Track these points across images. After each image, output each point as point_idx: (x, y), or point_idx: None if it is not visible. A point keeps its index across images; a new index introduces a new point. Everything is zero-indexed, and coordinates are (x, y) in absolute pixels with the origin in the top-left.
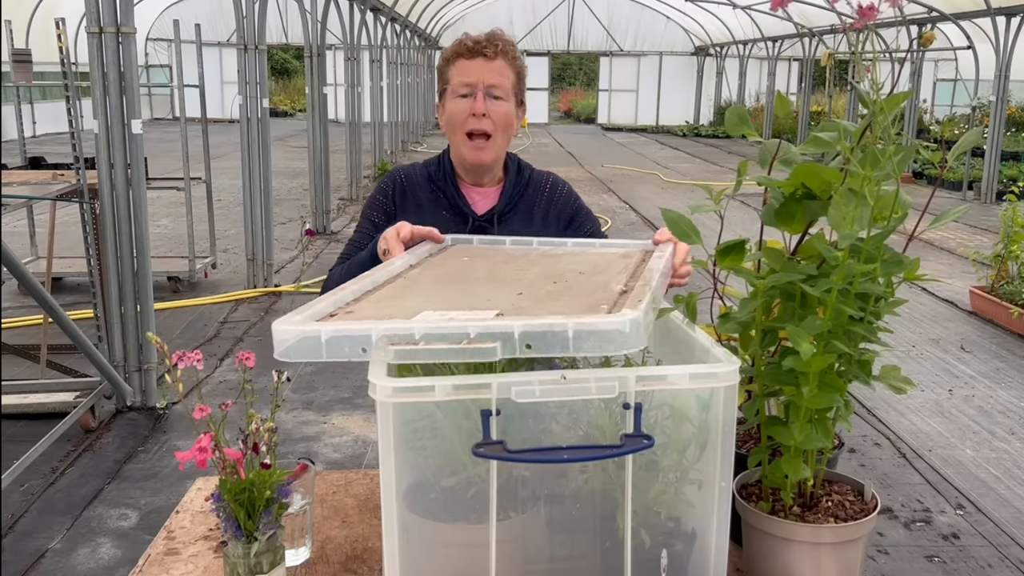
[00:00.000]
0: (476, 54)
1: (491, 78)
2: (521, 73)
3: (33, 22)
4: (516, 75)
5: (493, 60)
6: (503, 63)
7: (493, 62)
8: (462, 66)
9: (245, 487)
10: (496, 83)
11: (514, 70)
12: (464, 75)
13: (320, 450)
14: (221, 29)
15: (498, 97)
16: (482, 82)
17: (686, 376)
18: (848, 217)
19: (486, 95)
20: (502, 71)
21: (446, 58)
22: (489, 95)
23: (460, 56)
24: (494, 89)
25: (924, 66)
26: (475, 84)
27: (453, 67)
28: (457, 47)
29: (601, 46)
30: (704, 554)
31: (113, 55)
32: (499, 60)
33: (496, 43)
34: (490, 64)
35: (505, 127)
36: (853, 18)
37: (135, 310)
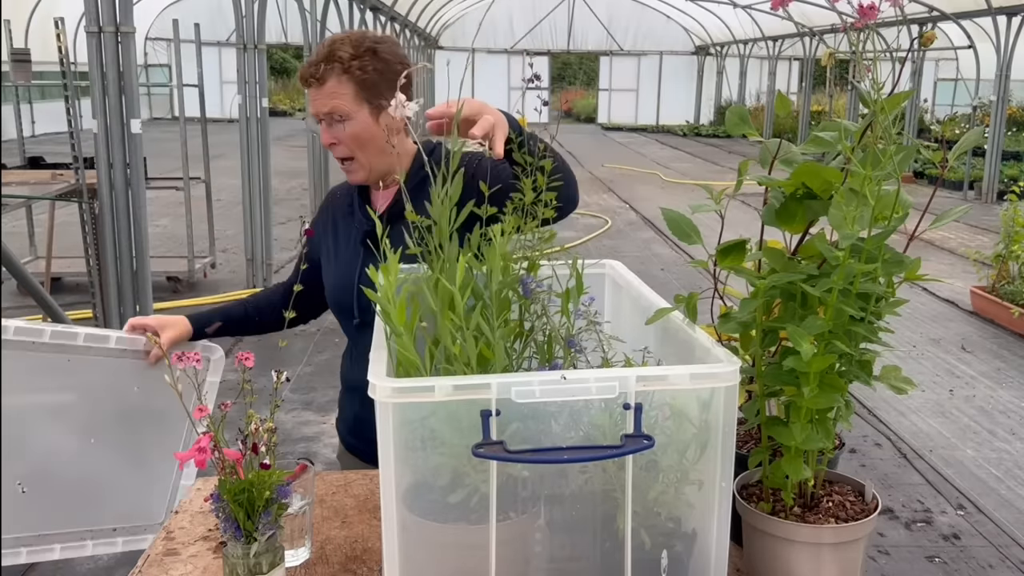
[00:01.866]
0: (308, 83)
1: (323, 106)
2: (365, 79)
3: (32, 22)
4: (358, 82)
5: (322, 85)
6: (333, 81)
7: (323, 87)
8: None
9: (244, 487)
10: (330, 109)
11: (353, 81)
12: (311, 105)
13: (320, 450)
14: (220, 28)
15: (340, 120)
16: (319, 112)
17: (687, 376)
18: (849, 217)
19: (329, 122)
20: (334, 92)
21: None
22: (331, 121)
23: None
24: (332, 114)
25: (925, 66)
26: (317, 114)
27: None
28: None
29: (601, 45)
30: (704, 555)
31: (112, 54)
32: (329, 81)
33: (319, 63)
34: (320, 90)
35: (362, 144)
36: (854, 17)
37: (134, 310)
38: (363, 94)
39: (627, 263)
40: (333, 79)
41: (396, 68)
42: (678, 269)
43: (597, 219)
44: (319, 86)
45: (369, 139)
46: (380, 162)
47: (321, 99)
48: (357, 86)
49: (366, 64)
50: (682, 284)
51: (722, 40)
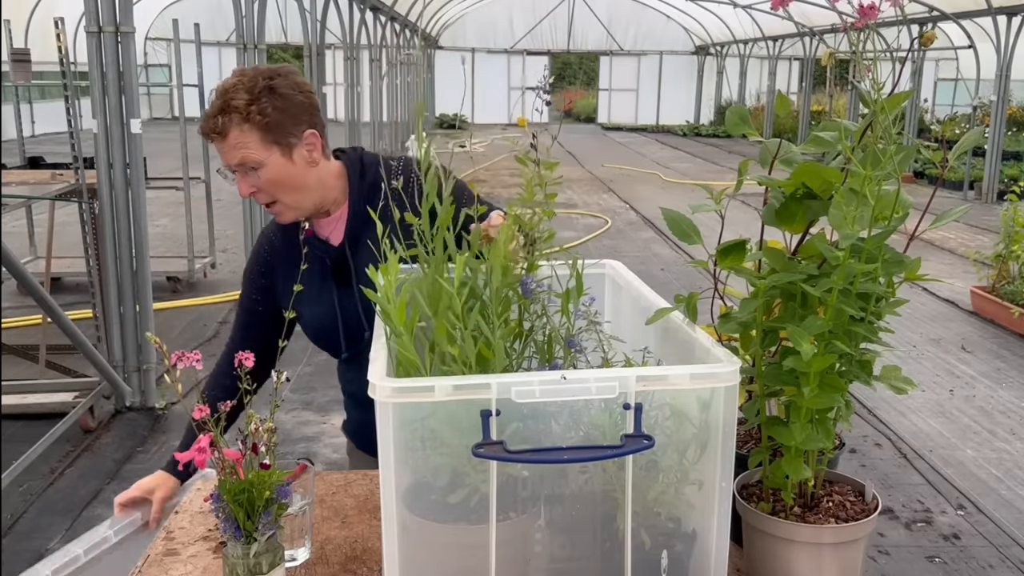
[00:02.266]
0: (209, 139)
1: (232, 157)
2: (268, 122)
3: (32, 21)
4: (261, 127)
5: (225, 138)
6: (236, 132)
7: (226, 140)
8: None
9: (244, 487)
10: (239, 160)
11: (256, 126)
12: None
13: (319, 450)
14: (220, 28)
15: (254, 168)
16: (230, 164)
17: (687, 376)
18: (849, 217)
19: (242, 172)
20: (238, 142)
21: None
22: (245, 171)
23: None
24: (243, 165)
25: (925, 66)
26: (227, 166)
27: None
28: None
29: (601, 45)
30: (705, 555)
31: (112, 54)
32: (231, 132)
33: (216, 116)
34: (225, 143)
35: (282, 187)
36: (854, 17)
37: (134, 310)
38: (270, 137)
39: (627, 263)
40: (235, 130)
41: (298, 100)
42: (678, 269)
43: (597, 219)
44: (222, 140)
45: (288, 180)
46: (307, 198)
47: (228, 152)
48: (261, 131)
49: (265, 106)
50: (682, 284)
51: (722, 40)
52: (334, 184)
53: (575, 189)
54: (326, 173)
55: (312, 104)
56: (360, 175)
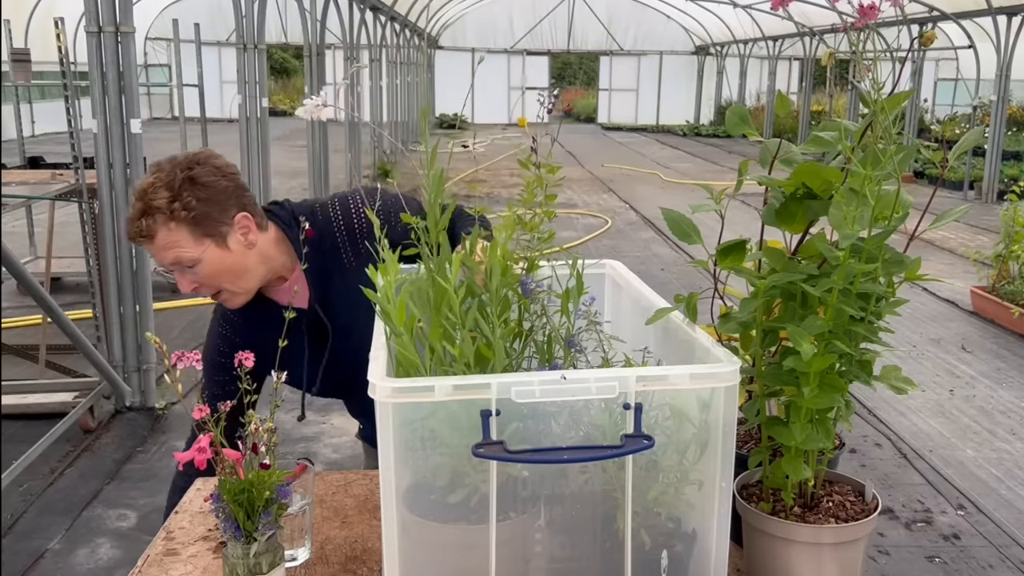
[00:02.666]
0: (138, 243)
1: (166, 258)
2: (194, 216)
3: (32, 21)
4: (189, 223)
5: (153, 240)
6: (163, 232)
7: (154, 242)
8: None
9: (244, 487)
10: (173, 259)
11: (184, 222)
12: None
13: (319, 450)
14: (220, 28)
15: (190, 266)
16: (165, 264)
17: (687, 376)
18: (849, 217)
19: (179, 271)
20: (168, 243)
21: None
22: (182, 269)
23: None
24: (178, 264)
25: (925, 65)
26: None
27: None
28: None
29: (601, 45)
30: (705, 555)
31: (112, 54)
32: (158, 234)
33: (139, 219)
34: (153, 246)
35: (224, 277)
36: (854, 17)
37: (134, 310)
38: (200, 231)
39: (627, 263)
40: (161, 230)
41: (222, 186)
42: (678, 269)
43: (597, 219)
44: (150, 242)
45: (229, 269)
46: (252, 280)
47: (159, 253)
48: (190, 226)
49: (188, 200)
50: (682, 284)
51: (722, 40)
52: (276, 253)
53: (575, 189)
54: (266, 246)
55: (238, 186)
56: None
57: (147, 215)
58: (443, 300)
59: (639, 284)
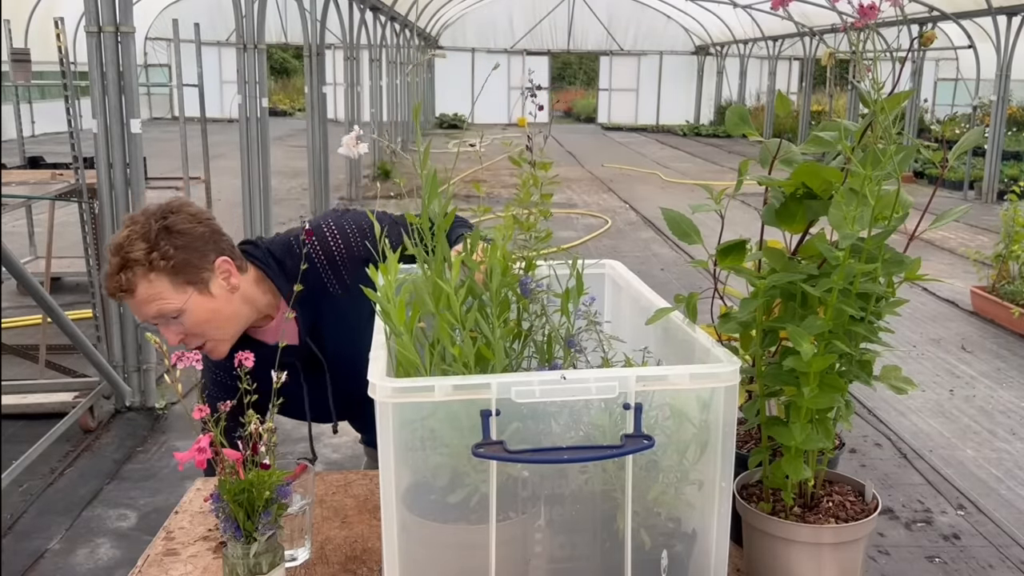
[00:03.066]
0: (118, 298)
1: (149, 311)
2: (174, 265)
3: (32, 21)
4: (169, 272)
5: (133, 295)
6: (144, 285)
7: (134, 296)
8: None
9: (244, 487)
10: (156, 312)
11: (164, 272)
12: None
13: (319, 450)
14: (220, 28)
15: (175, 317)
16: (148, 319)
17: (687, 376)
18: (849, 217)
19: (164, 324)
20: (150, 295)
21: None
22: (164, 320)
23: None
24: (162, 316)
25: (925, 65)
26: (147, 321)
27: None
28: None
29: (601, 45)
30: (704, 555)
31: (112, 54)
32: (139, 288)
33: (118, 274)
34: (135, 300)
35: (211, 325)
36: (854, 17)
37: None
38: (181, 279)
39: (627, 263)
40: (142, 283)
41: (199, 232)
42: (678, 269)
43: (597, 219)
44: (131, 297)
45: (214, 316)
46: (237, 325)
47: (141, 307)
48: (170, 275)
49: (166, 249)
50: (682, 284)
51: (722, 40)
52: (259, 294)
53: (575, 189)
54: (248, 288)
55: (214, 231)
56: (280, 269)
57: (125, 269)
58: (442, 300)
59: (639, 284)
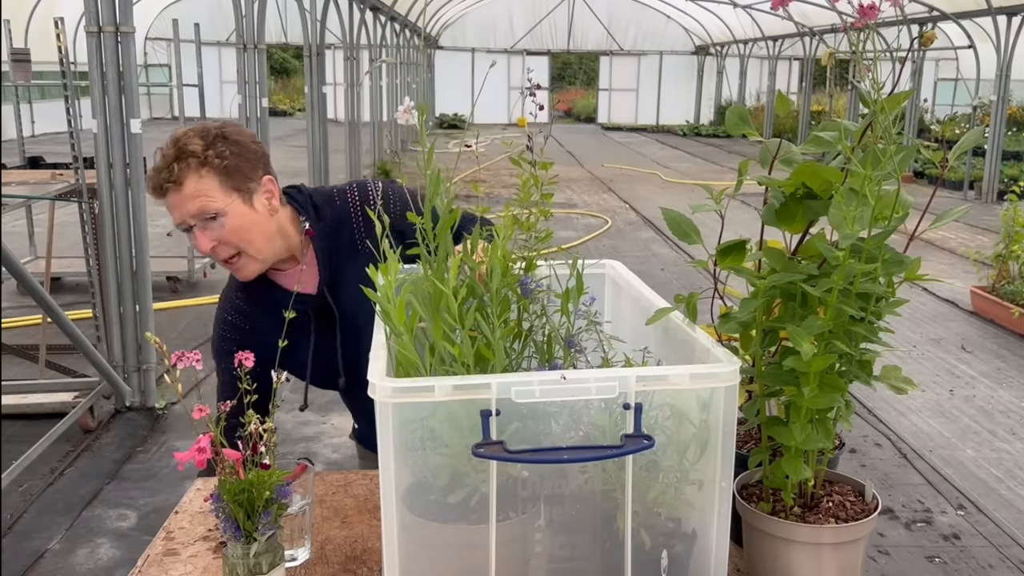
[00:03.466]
0: (163, 193)
1: (191, 207)
2: (226, 166)
3: (32, 21)
4: (221, 173)
5: (181, 187)
6: (193, 180)
7: (182, 189)
8: (166, 205)
9: (244, 487)
10: (199, 209)
11: (215, 171)
12: (172, 215)
13: (319, 450)
14: (220, 28)
15: (214, 218)
16: (186, 217)
17: (687, 376)
18: (849, 217)
19: (201, 224)
20: (197, 190)
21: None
22: (205, 223)
23: (155, 196)
24: (202, 214)
25: (925, 65)
26: (183, 222)
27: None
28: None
29: (601, 45)
30: (705, 555)
31: (112, 54)
32: (188, 181)
33: (172, 165)
34: (180, 194)
35: (246, 237)
36: (854, 17)
37: (134, 310)
38: (229, 183)
39: (627, 263)
40: (191, 176)
41: (251, 147)
42: (678, 269)
43: (597, 219)
44: (178, 189)
45: (252, 227)
46: (270, 247)
47: (185, 203)
48: (221, 176)
49: (222, 150)
50: (682, 284)
51: (722, 40)
52: (293, 231)
53: (575, 189)
54: (284, 220)
55: (264, 154)
56: (316, 216)
57: (179, 160)
58: (442, 300)
59: (639, 284)
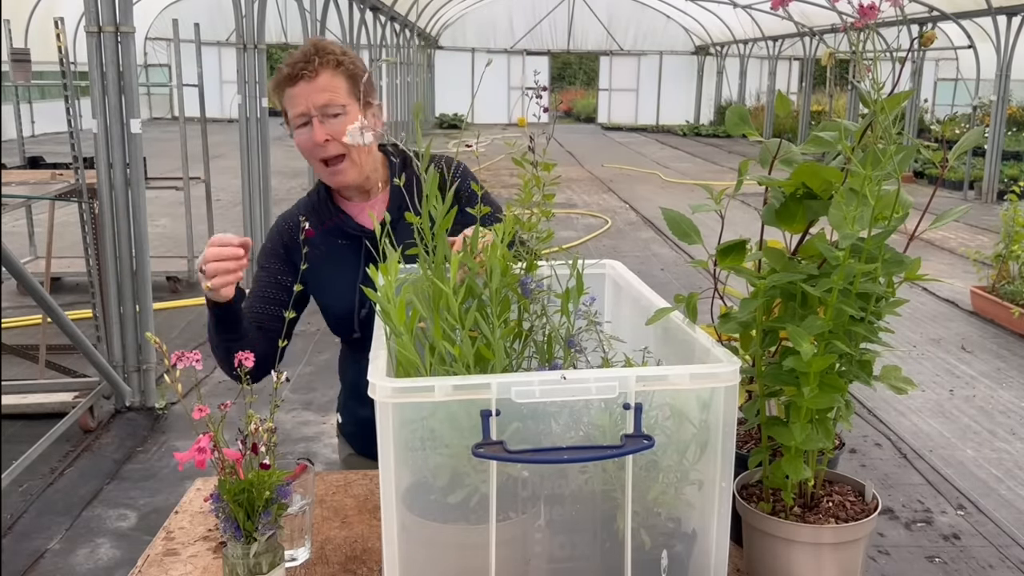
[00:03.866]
0: (296, 79)
1: (319, 98)
2: (356, 75)
3: (32, 21)
4: (349, 78)
5: (315, 78)
6: (327, 75)
7: (315, 80)
8: (290, 96)
9: (244, 488)
10: (326, 101)
11: (345, 75)
12: (294, 105)
13: (319, 450)
14: (220, 28)
15: (336, 114)
16: (312, 106)
17: (687, 376)
18: (849, 217)
19: (322, 117)
20: (328, 84)
21: (275, 90)
22: (325, 115)
23: (284, 85)
24: (327, 108)
25: (925, 65)
26: (307, 111)
27: (284, 98)
28: (278, 75)
29: (601, 45)
30: (705, 555)
31: (112, 54)
32: (322, 75)
33: (312, 58)
34: (313, 83)
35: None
36: (854, 17)
37: (134, 310)
38: (355, 90)
39: (627, 263)
40: (327, 72)
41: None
42: (678, 269)
43: (597, 219)
44: (311, 80)
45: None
46: (369, 163)
47: (314, 93)
48: (350, 81)
49: (354, 59)
50: (682, 284)
51: (722, 40)
52: (380, 168)
53: (575, 189)
54: (377, 155)
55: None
56: (402, 166)
57: (320, 55)
58: (442, 300)
59: (639, 284)
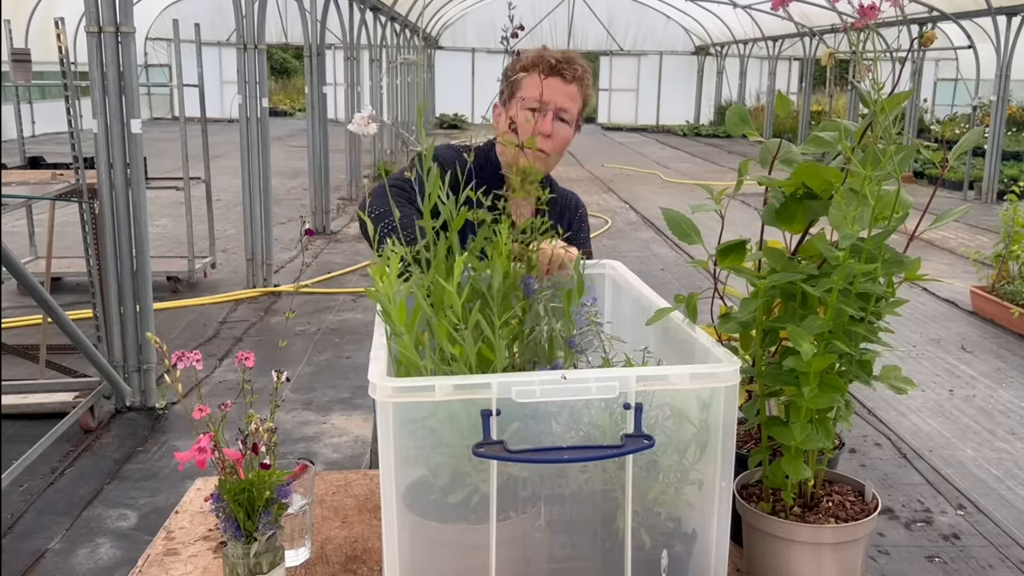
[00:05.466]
0: (554, 73)
1: (563, 101)
2: (588, 101)
3: (32, 21)
4: (584, 102)
5: (569, 84)
6: (576, 89)
7: (568, 85)
8: (535, 80)
9: (244, 487)
10: (566, 107)
11: (583, 97)
12: (535, 89)
13: (320, 450)
14: (220, 28)
15: (564, 120)
16: (554, 103)
17: (687, 376)
18: (849, 217)
19: (554, 116)
20: (574, 96)
21: (523, 66)
22: (557, 117)
23: (538, 69)
24: (563, 112)
25: (925, 66)
26: (547, 103)
27: (528, 78)
28: (536, 59)
29: (601, 46)
30: (705, 555)
31: (112, 54)
32: (574, 85)
33: (575, 67)
34: (565, 87)
35: (560, 146)
36: (854, 17)
37: (134, 310)
38: (579, 111)
39: (627, 263)
40: (579, 84)
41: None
42: (678, 269)
43: (597, 219)
44: (567, 83)
45: (565, 144)
46: (556, 164)
47: (563, 95)
48: (583, 104)
49: (589, 94)
50: (682, 284)
51: (722, 40)
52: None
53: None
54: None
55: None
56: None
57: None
58: (444, 300)
59: (639, 284)
